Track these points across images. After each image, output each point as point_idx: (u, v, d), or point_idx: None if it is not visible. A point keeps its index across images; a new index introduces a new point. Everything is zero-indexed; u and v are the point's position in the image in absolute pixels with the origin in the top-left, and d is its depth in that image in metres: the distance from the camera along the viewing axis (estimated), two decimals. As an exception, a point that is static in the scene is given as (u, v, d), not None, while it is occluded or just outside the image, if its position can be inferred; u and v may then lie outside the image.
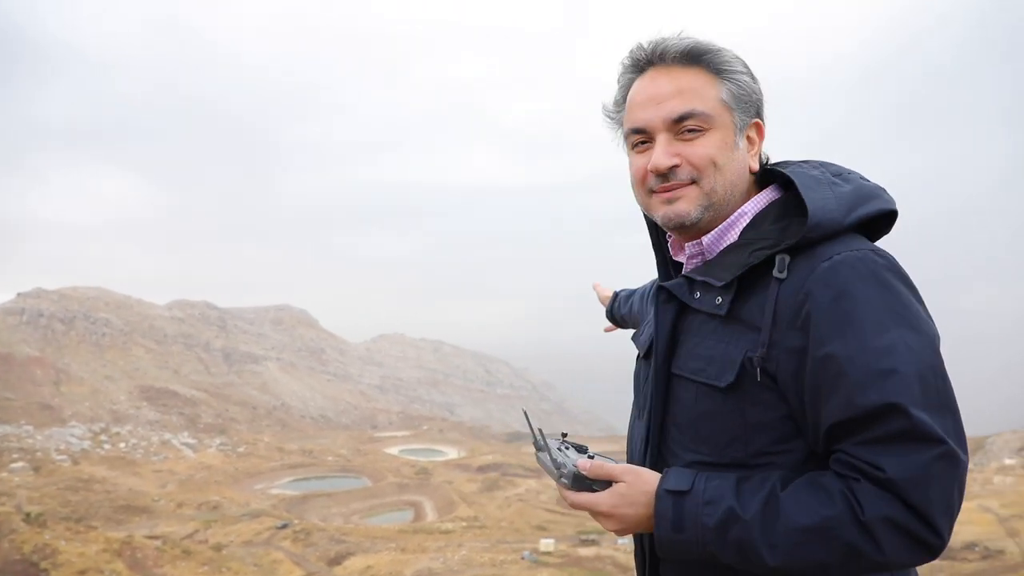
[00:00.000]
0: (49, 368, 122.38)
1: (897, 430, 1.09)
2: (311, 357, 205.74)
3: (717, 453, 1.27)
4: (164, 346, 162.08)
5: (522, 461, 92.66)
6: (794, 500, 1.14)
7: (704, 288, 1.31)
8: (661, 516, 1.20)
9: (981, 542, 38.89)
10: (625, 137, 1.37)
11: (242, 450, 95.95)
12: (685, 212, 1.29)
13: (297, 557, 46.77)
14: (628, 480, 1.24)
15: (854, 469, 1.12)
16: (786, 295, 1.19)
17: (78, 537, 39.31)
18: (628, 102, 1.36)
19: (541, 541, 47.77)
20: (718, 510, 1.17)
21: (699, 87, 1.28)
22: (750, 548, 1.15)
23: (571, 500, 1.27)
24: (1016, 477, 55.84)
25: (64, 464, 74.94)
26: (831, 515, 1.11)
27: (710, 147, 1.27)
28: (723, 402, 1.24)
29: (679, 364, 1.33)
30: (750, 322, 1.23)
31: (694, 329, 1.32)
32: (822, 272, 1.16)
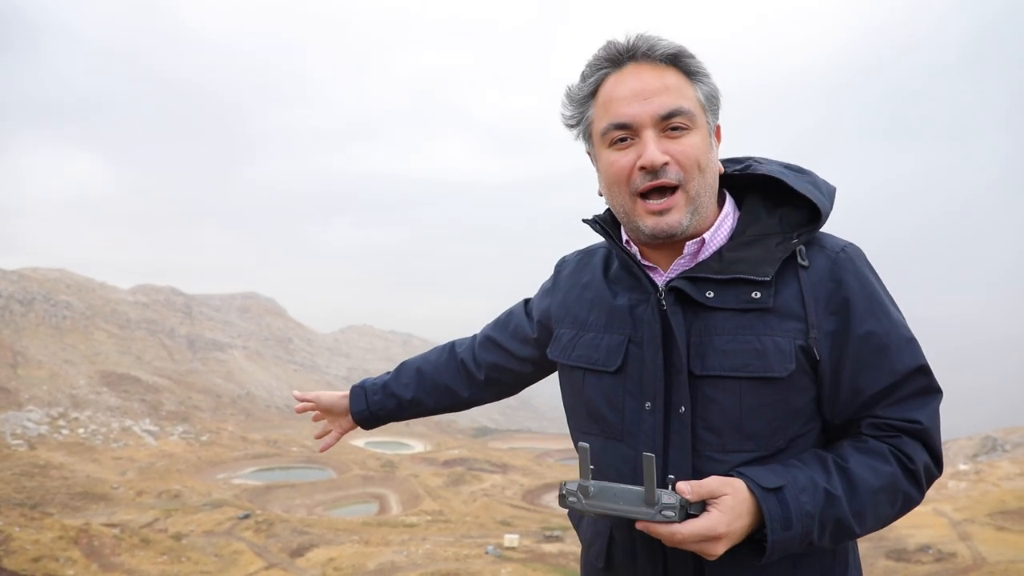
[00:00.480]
0: (6, 350, 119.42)
1: (923, 386, 1.29)
2: (278, 346, 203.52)
3: (763, 447, 1.27)
4: (127, 331, 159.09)
5: (488, 456, 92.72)
6: (860, 467, 1.23)
7: (725, 285, 1.28)
8: (772, 518, 1.15)
9: (935, 545, 39.77)
10: (600, 134, 1.32)
11: (205, 439, 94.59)
12: (677, 223, 1.28)
13: (259, 548, 46.22)
14: (730, 491, 1.17)
15: (892, 428, 1.28)
16: (815, 282, 1.29)
17: (33, 524, 38.42)
18: (604, 96, 1.32)
19: (505, 536, 47.73)
20: (816, 495, 1.18)
21: (681, 86, 1.29)
22: (844, 523, 1.19)
23: (684, 534, 1.12)
24: (969, 482, 57.23)
25: (20, 449, 73.23)
26: (892, 471, 1.24)
27: (696, 146, 1.28)
28: (771, 393, 1.25)
29: (708, 364, 1.27)
30: (785, 311, 1.27)
31: (715, 327, 1.28)
32: (844, 261, 1.32)
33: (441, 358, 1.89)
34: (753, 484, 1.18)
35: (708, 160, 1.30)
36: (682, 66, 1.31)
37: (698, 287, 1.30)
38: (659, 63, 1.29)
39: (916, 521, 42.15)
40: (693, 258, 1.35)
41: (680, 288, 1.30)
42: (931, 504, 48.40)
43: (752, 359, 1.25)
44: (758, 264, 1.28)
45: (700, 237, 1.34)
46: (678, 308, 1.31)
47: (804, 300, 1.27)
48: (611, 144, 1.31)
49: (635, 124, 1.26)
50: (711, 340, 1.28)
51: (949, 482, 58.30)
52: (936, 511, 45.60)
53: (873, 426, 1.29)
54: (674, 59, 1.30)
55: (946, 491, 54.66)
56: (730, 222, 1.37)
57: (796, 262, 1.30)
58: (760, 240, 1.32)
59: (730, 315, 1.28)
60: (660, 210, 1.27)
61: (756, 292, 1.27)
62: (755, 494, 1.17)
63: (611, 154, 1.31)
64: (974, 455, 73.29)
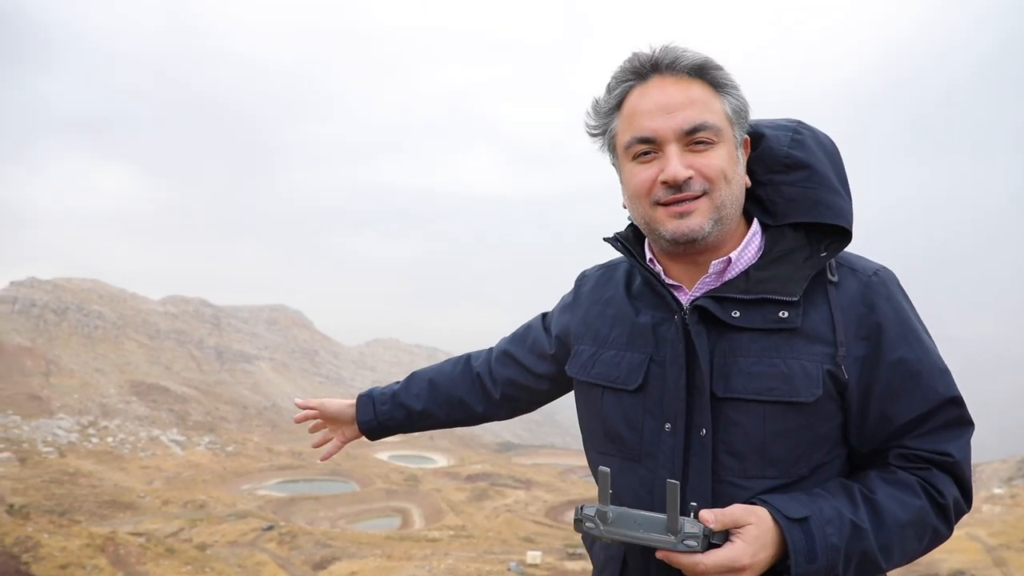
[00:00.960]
0: (39, 359, 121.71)
1: (955, 417, 1.24)
2: (304, 358, 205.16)
3: (786, 473, 1.22)
4: (157, 341, 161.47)
5: (512, 472, 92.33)
6: (888, 499, 1.18)
7: (751, 305, 1.24)
8: (796, 550, 1.10)
9: (968, 571, 38.76)
10: (624, 147, 1.29)
11: (231, 449, 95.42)
12: (699, 226, 1.23)
13: (282, 560, 46.41)
14: (754, 520, 1.12)
15: (921, 460, 1.22)
16: (845, 305, 1.24)
17: (61, 531, 38.92)
18: (628, 109, 1.28)
19: (528, 553, 47.45)
20: (843, 528, 1.13)
21: (707, 99, 1.25)
22: (871, 557, 1.15)
23: (707, 564, 1.08)
24: (1005, 507, 55.76)
25: (50, 456, 74.40)
26: (921, 504, 1.19)
27: (721, 159, 1.23)
28: (796, 419, 1.21)
29: (732, 386, 1.23)
30: (813, 332, 1.22)
31: (740, 348, 1.24)
32: (877, 285, 1.27)
33: (456, 370, 1.80)
34: (777, 513, 1.13)
35: (734, 172, 1.26)
36: (708, 78, 1.26)
37: (723, 306, 1.25)
38: (684, 76, 1.25)
39: (949, 546, 41.15)
40: (719, 277, 1.30)
41: (705, 307, 1.25)
42: (965, 528, 47.22)
43: (778, 383, 1.20)
44: (785, 283, 1.24)
45: (727, 256, 1.28)
46: (702, 327, 1.26)
47: (833, 319, 1.23)
48: (634, 157, 1.27)
49: (658, 138, 1.23)
50: (736, 361, 1.23)
51: (983, 506, 56.87)
52: (970, 536, 44.46)
53: (902, 457, 1.24)
54: (700, 71, 1.25)
55: (980, 515, 53.30)
56: (757, 241, 1.32)
57: (825, 278, 1.26)
58: (788, 256, 1.27)
59: (756, 336, 1.23)
60: (682, 212, 1.23)
61: (784, 312, 1.23)
62: (779, 524, 1.12)
63: (634, 167, 1.28)
64: (1009, 479, 71.43)
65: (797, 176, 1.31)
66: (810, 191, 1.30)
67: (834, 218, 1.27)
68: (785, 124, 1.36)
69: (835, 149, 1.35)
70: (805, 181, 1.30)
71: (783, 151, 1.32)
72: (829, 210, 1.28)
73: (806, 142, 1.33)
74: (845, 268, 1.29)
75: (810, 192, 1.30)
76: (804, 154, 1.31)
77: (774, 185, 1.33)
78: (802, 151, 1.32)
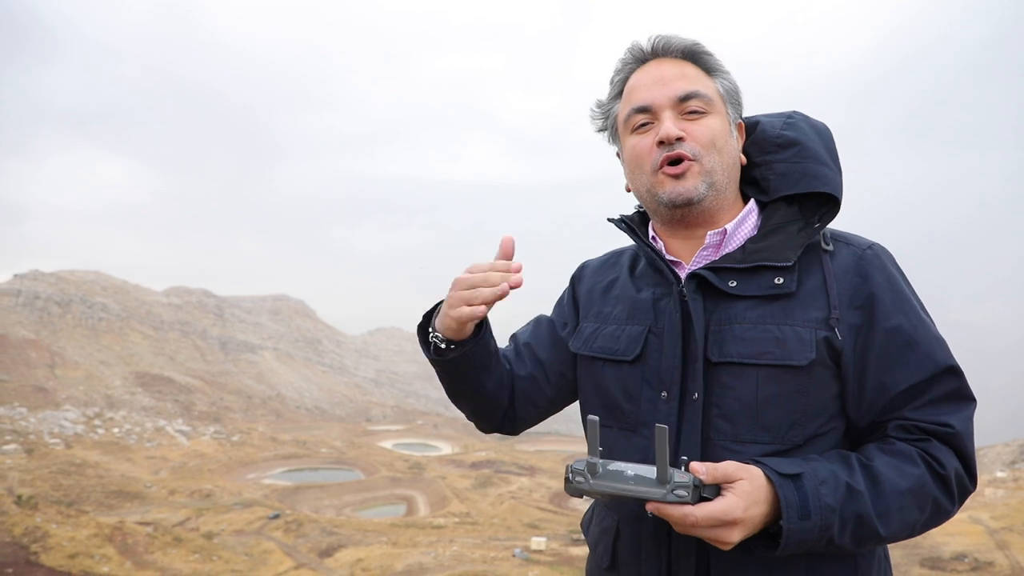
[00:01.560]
0: (44, 351, 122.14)
1: (955, 388, 1.24)
2: (308, 348, 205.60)
3: (779, 440, 1.23)
4: (161, 332, 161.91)
5: (515, 458, 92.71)
6: (885, 466, 1.18)
7: (747, 274, 1.29)
8: (788, 505, 1.10)
9: (971, 554, 38.92)
10: (624, 120, 1.38)
11: (236, 439, 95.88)
12: (693, 187, 1.30)
13: (288, 548, 46.73)
14: (746, 476, 1.11)
15: (921, 431, 1.23)
16: (840, 274, 1.28)
17: (69, 521, 39.23)
18: (628, 88, 1.39)
19: (533, 539, 47.72)
20: (838, 488, 1.13)
21: (699, 76, 1.36)
22: (867, 522, 1.14)
23: (698, 516, 1.07)
24: (1007, 490, 55.91)
25: (57, 447, 74.82)
26: (920, 473, 1.18)
27: (712, 127, 1.32)
28: (790, 383, 1.22)
29: (726, 351, 1.25)
30: (808, 299, 1.26)
31: (736, 316, 1.27)
32: (871, 257, 1.31)
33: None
34: (770, 470, 1.13)
35: (725, 142, 1.33)
36: (700, 62, 1.37)
37: (720, 276, 1.29)
38: (678, 58, 1.36)
39: (952, 529, 41.25)
40: (716, 249, 1.35)
41: (702, 276, 1.30)
42: (967, 512, 47.34)
43: (771, 347, 1.23)
44: (780, 250, 1.29)
45: (722, 228, 1.34)
46: (698, 296, 1.30)
47: (827, 285, 1.27)
48: (633, 130, 1.36)
49: (654, 106, 1.32)
50: (731, 328, 1.27)
51: (986, 489, 56.99)
52: (972, 519, 44.61)
53: (901, 428, 1.24)
54: (691, 55, 1.36)
55: (983, 499, 53.44)
56: (754, 218, 1.38)
57: (819, 248, 1.31)
58: (782, 227, 1.33)
59: (753, 303, 1.27)
60: (676, 174, 1.30)
61: (779, 278, 1.27)
62: (772, 480, 1.12)
63: (633, 138, 1.36)
64: (1011, 462, 71.60)
65: (788, 153, 1.39)
66: (799, 164, 1.36)
67: (821, 186, 1.33)
68: (779, 113, 1.46)
69: (828, 131, 1.42)
70: (795, 156, 1.38)
71: (775, 132, 1.41)
72: (816, 179, 1.34)
73: (798, 124, 1.41)
74: (840, 241, 1.35)
75: (799, 165, 1.36)
76: (795, 133, 1.39)
77: (767, 164, 1.40)
78: (793, 131, 1.40)
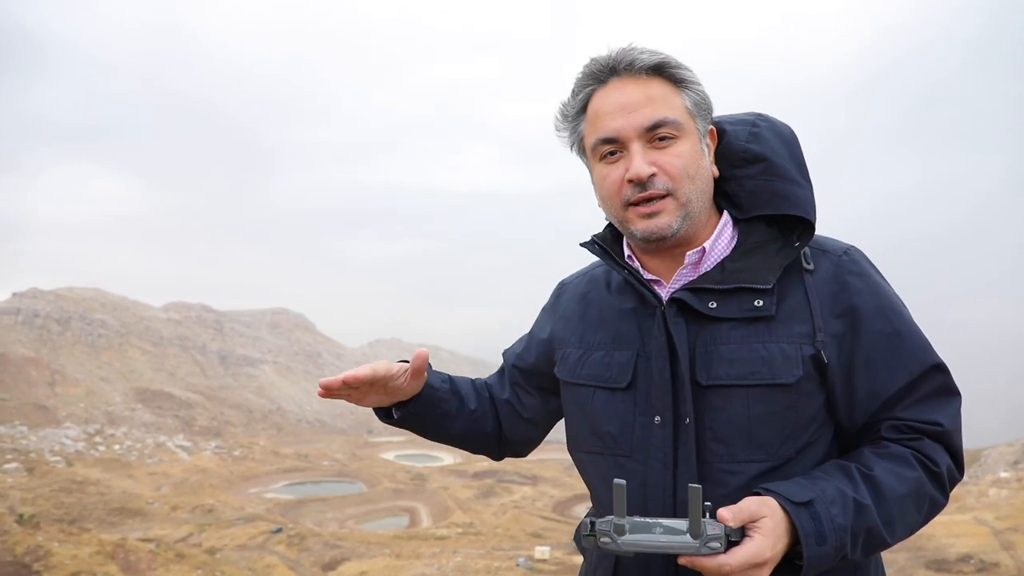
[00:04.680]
0: (44, 369, 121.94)
1: (941, 385, 1.27)
2: (308, 361, 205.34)
3: (773, 456, 1.24)
4: (160, 348, 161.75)
5: (518, 468, 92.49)
6: (885, 474, 1.19)
7: (727, 295, 1.27)
8: (806, 534, 1.11)
9: (976, 555, 38.84)
10: (591, 148, 1.33)
11: (237, 453, 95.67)
12: (667, 225, 1.27)
13: (291, 562, 46.60)
14: (767, 512, 1.11)
15: (912, 430, 1.25)
16: (819, 286, 1.29)
17: (71, 539, 39.10)
18: (592, 112, 1.32)
19: (536, 548, 47.62)
20: (846, 506, 1.14)
21: (666, 96, 1.28)
22: (875, 533, 1.16)
23: (733, 564, 1.07)
24: (1011, 490, 55.82)
25: (58, 465, 74.62)
26: (917, 476, 1.21)
27: (683, 155, 1.26)
28: (779, 401, 1.23)
29: (714, 374, 1.25)
30: (790, 318, 1.26)
31: (720, 337, 1.27)
32: (848, 263, 1.31)
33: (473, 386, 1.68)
34: (783, 500, 1.13)
35: (698, 167, 1.29)
36: (667, 75, 1.29)
37: (700, 298, 1.28)
38: (643, 75, 1.28)
39: (957, 530, 41.16)
40: (695, 268, 1.33)
41: (682, 299, 1.29)
42: (972, 512, 47.23)
43: (759, 366, 1.23)
44: (759, 272, 1.27)
45: (701, 246, 1.32)
46: (680, 319, 1.29)
47: (811, 304, 1.27)
48: (602, 158, 1.31)
49: (621, 137, 1.27)
50: (717, 350, 1.26)
51: (990, 490, 56.91)
52: (977, 520, 44.54)
53: (893, 428, 1.26)
54: (657, 70, 1.29)
55: (987, 499, 53.37)
56: (729, 231, 1.36)
57: (800, 267, 1.31)
58: (760, 247, 1.32)
59: (734, 325, 1.26)
60: (649, 213, 1.27)
61: (758, 300, 1.26)
62: (787, 510, 1.12)
63: (602, 168, 1.31)
64: (1015, 462, 71.47)
65: (755, 169, 1.36)
66: (768, 183, 1.34)
67: (791, 208, 1.31)
68: (743, 119, 1.41)
69: (793, 138, 1.40)
70: (763, 173, 1.35)
71: (741, 146, 1.36)
72: (787, 201, 1.32)
73: (763, 134, 1.37)
74: (817, 251, 1.34)
75: (768, 184, 1.34)
76: (760, 147, 1.36)
77: (736, 179, 1.38)
78: (758, 144, 1.36)
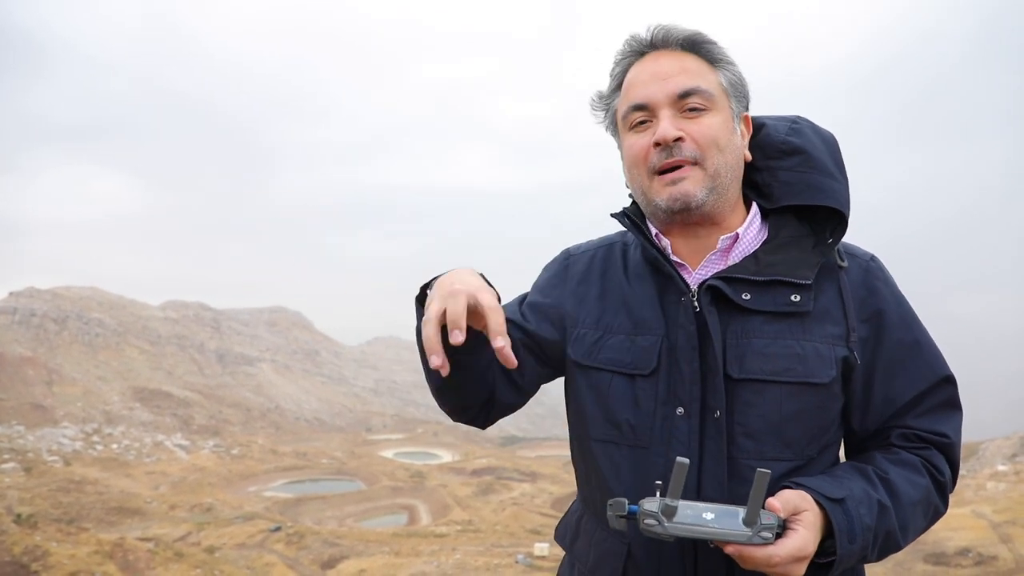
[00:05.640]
0: (41, 368, 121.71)
1: (949, 398, 1.28)
2: (306, 359, 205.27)
3: (799, 455, 1.22)
4: (158, 347, 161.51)
5: (516, 465, 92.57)
6: (900, 479, 1.20)
7: (762, 288, 1.24)
8: (840, 530, 1.10)
9: (974, 548, 38.89)
10: (622, 118, 1.31)
11: (236, 452, 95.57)
12: (692, 192, 1.23)
13: (290, 560, 46.55)
14: (808, 506, 1.10)
15: (920, 440, 1.26)
16: (852, 287, 1.29)
17: (69, 539, 39.02)
18: (627, 84, 1.31)
19: (535, 545, 47.56)
20: (872, 507, 1.14)
21: (700, 69, 1.27)
22: (893, 536, 1.16)
23: (781, 556, 1.04)
24: (1009, 483, 55.91)
25: (56, 465, 74.46)
26: (927, 483, 1.22)
27: (714, 126, 1.24)
28: (811, 400, 1.21)
29: (747, 367, 1.22)
30: (825, 316, 1.25)
31: (753, 330, 1.23)
32: (876, 270, 1.32)
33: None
34: (820, 496, 1.12)
35: (728, 140, 1.26)
36: (702, 52, 1.28)
37: (734, 288, 1.23)
38: (678, 49, 1.28)
39: (955, 524, 41.17)
40: (725, 254, 1.29)
41: (717, 287, 1.23)
42: (970, 506, 47.27)
43: (794, 363, 1.21)
44: (796, 266, 1.24)
45: (734, 232, 1.28)
46: (714, 308, 1.24)
47: (844, 304, 1.26)
48: (632, 128, 1.29)
49: (652, 104, 1.25)
50: (750, 343, 1.22)
51: (988, 483, 57.00)
52: (975, 513, 44.58)
53: (902, 436, 1.27)
54: (692, 45, 1.28)
55: (985, 492, 53.46)
56: (759, 222, 1.33)
57: (835, 264, 1.29)
58: (796, 241, 1.29)
59: (768, 318, 1.23)
60: (673, 178, 1.23)
61: (795, 295, 1.23)
62: (823, 506, 1.11)
63: (631, 137, 1.29)
64: (1012, 455, 71.63)
65: (793, 161, 1.33)
66: (805, 175, 1.31)
67: (827, 199, 1.28)
68: (785, 116, 1.40)
69: (834, 141, 1.37)
70: (800, 165, 1.32)
71: (780, 138, 1.34)
72: (822, 192, 1.29)
73: (803, 130, 1.35)
74: (848, 254, 1.33)
75: (805, 176, 1.31)
76: (800, 140, 1.33)
77: (771, 170, 1.34)
78: (799, 138, 1.34)
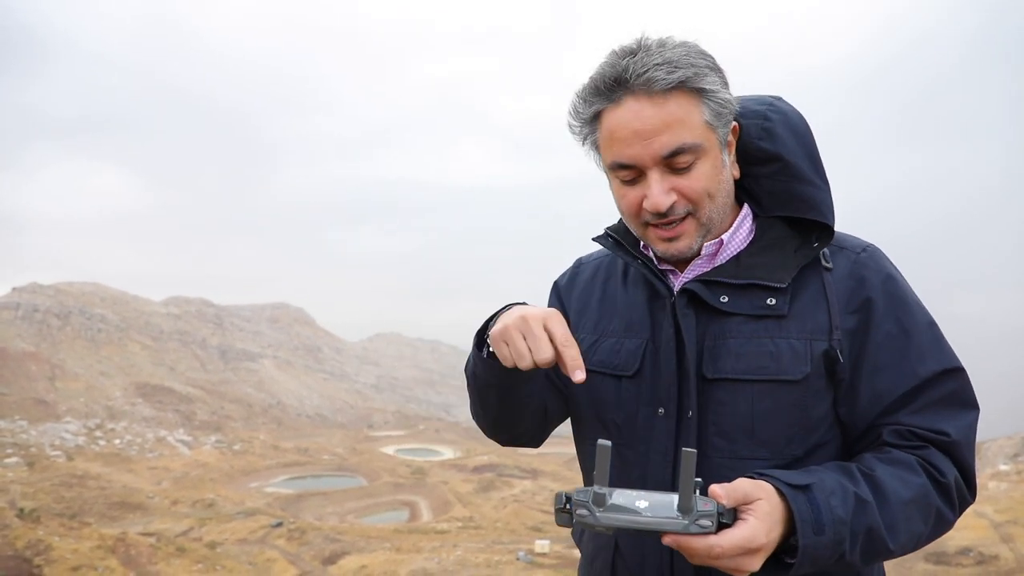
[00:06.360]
0: (44, 363, 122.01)
1: (950, 392, 1.20)
2: (308, 355, 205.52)
3: (778, 455, 1.20)
4: (160, 342, 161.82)
5: (518, 462, 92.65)
6: (888, 476, 1.13)
7: (740, 290, 1.25)
8: (802, 519, 1.02)
9: (976, 548, 38.92)
10: (608, 167, 1.27)
11: (237, 448, 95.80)
12: (687, 247, 1.25)
13: (292, 556, 46.69)
14: (763, 495, 1.02)
15: (918, 438, 1.18)
16: (836, 283, 1.25)
17: (72, 533, 39.16)
18: (606, 131, 1.23)
19: (536, 542, 47.71)
20: (847, 499, 1.07)
21: (684, 116, 1.18)
22: (877, 535, 1.09)
23: (724, 547, 0.95)
24: (1010, 483, 55.89)
25: (58, 460, 74.71)
26: (922, 482, 1.13)
27: (703, 179, 1.22)
28: (785, 398, 1.20)
29: (720, 367, 1.22)
30: (804, 316, 1.23)
31: (730, 331, 1.24)
32: (867, 259, 1.28)
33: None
34: (780, 483, 1.05)
35: (719, 185, 1.24)
36: (688, 88, 1.19)
37: (712, 291, 1.25)
38: (658, 94, 1.17)
39: (956, 523, 41.06)
40: (710, 260, 1.30)
41: (693, 291, 1.26)
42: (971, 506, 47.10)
43: (767, 361, 1.20)
44: (774, 269, 1.25)
45: (718, 238, 1.29)
46: (690, 311, 1.26)
47: (828, 301, 1.24)
48: (622, 181, 1.26)
49: (639, 164, 1.21)
50: (725, 344, 1.23)
51: (989, 483, 56.97)
52: (976, 512, 44.58)
53: (897, 434, 1.20)
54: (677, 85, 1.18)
55: (986, 492, 53.42)
56: (748, 224, 1.33)
57: (819, 266, 1.28)
58: (778, 244, 1.30)
59: (745, 320, 1.24)
60: (669, 237, 1.25)
61: (771, 299, 1.23)
62: (783, 494, 1.04)
63: (620, 187, 1.27)
64: (1014, 455, 71.59)
65: (771, 168, 1.32)
66: (785, 184, 1.31)
67: (810, 212, 1.28)
68: (757, 110, 1.34)
69: (806, 128, 1.34)
70: (779, 174, 1.31)
71: (755, 145, 1.32)
72: (804, 204, 1.29)
73: (775, 130, 1.31)
74: (835, 248, 1.31)
75: (785, 185, 1.31)
76: (774, 145, 1.31)
77: (753, 177, 1.34)
78: (772, 142, 1.31)
